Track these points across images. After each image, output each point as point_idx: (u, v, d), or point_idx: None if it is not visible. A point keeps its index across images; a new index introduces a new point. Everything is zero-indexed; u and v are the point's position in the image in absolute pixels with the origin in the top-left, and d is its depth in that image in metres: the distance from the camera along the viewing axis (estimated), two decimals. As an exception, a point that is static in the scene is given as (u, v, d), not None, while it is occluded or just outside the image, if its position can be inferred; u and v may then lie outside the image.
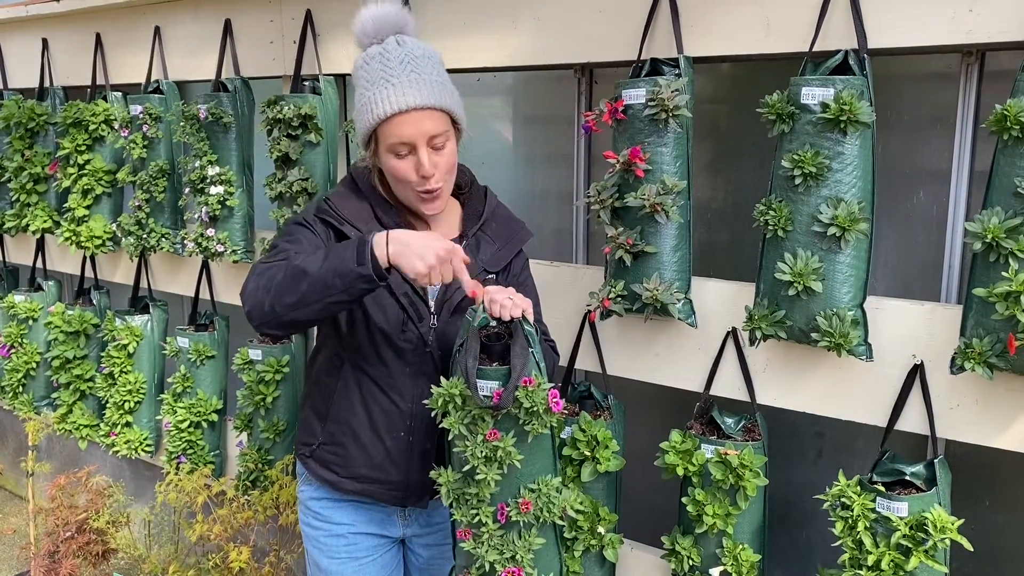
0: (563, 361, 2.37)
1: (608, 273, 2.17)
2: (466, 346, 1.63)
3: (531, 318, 1.64)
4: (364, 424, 1.87)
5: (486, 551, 1.65)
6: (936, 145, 2.05)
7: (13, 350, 3.79)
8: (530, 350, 1.62)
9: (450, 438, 1.66)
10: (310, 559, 2.05)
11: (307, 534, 2.04)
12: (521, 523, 1.67)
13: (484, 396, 1.60)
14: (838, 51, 1.84)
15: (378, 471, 1.89)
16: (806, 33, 1.89)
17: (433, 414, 1.66)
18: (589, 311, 2.21)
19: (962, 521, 1.77)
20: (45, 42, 3.74)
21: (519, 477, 1.67)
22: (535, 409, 1.59)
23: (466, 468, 1.63)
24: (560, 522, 1.70)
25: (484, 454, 1.61)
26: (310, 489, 2.00)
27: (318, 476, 1.96)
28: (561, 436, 2.25)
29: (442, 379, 1.65)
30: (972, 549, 1.79)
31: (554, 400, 1.60)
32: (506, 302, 1.62)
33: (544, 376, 1.64)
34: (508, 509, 1.65)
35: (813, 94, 1.80)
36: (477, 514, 1.65)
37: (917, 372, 1.88)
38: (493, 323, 1.67)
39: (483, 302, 1.64)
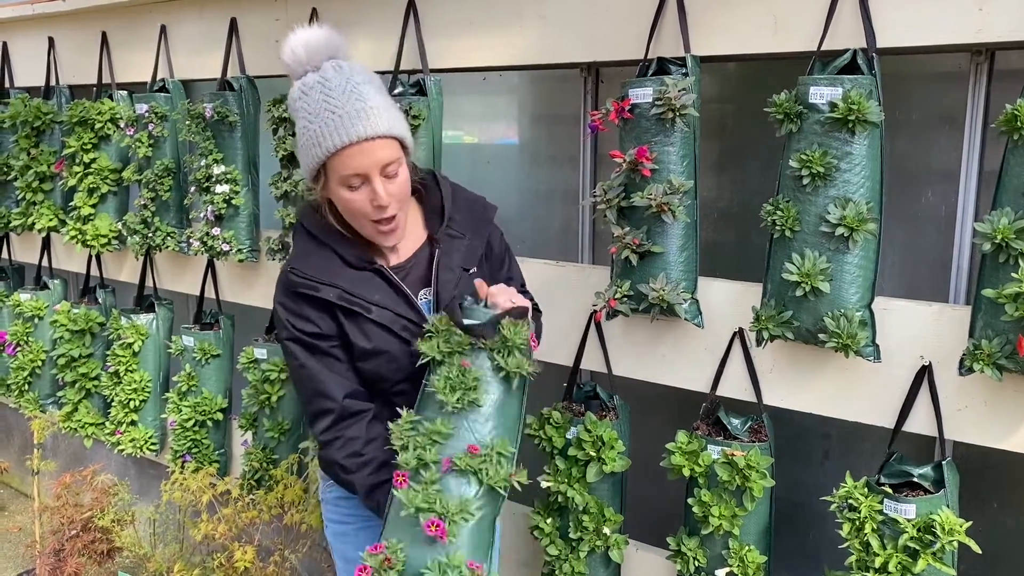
0: (568, 361, 2.36)
1: (614, 273, 2.16)
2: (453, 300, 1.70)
3: (529, 314, 1.68)
4: None
5: (416, 497, 1.55)
6: (945, 145, 2.03)
7: (19, 348, 3.80)
8: (529, 323, 1.66)
9: (426, 377, 1.65)
10: (339, 555, 2.02)
11: (336, 532, 2.01)
12: (464, 483, 1.58)
13: (468, 323, 1.62)
14: (846, 50, 1.83)
15: None
16: (814, 32, 1.88)
17: (420, 357, 1.65)
18: (595, 311, 2.20)
19: (970, 523, 1.76)
20: (51, 41, 3.74)
21: (476, 436, 1.61)
22: (513, 343, 1.61)
23: (432, 392, 1.61)
24: (503, 492, 1.60)
25: (451, 382, 1.59)
26: (338, 490, 1.97)
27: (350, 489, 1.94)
28: (566, 436, 2.25)
29: (430, 318, 1.68)
30: (980, 551, 1.78)
31: (533, 340, 1.64)
32: (506, 304, 1.66)
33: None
34: (455, 457, 1.58)
35: (821, 93, 1.79)
36: (423, 456, 1.57)
37: (925, 373, 1.87)
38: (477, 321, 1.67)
39: (485, 299, 1.69)
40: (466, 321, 1.63)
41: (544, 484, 2.28)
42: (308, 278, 1.74)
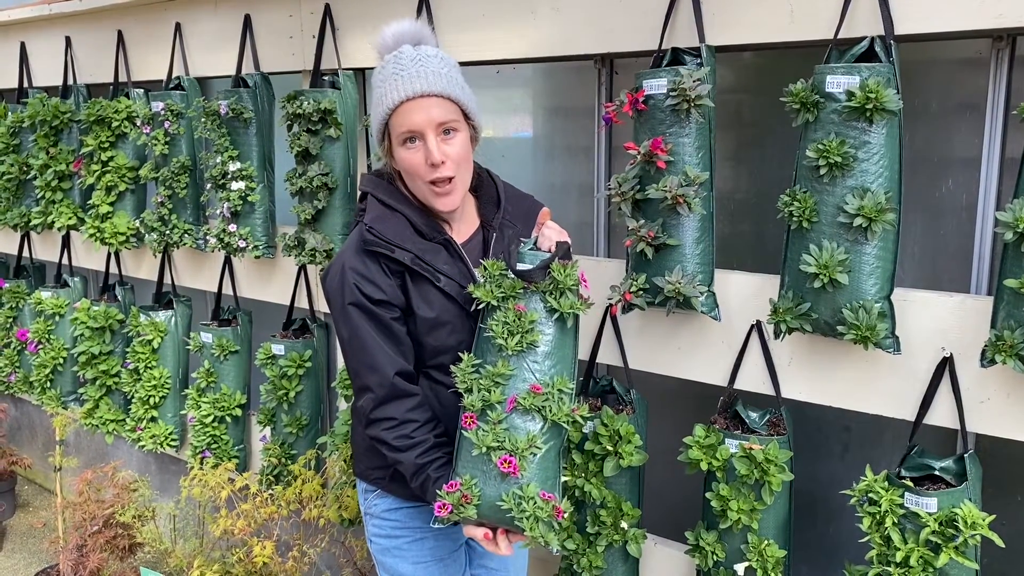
0: (584, 356, 2.35)
1: (629, 266, 2.15)
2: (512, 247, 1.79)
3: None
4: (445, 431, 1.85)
5: (486, 436, 1.64)
6: (965, 133, 2.00)
7: (40, 346, 3.84)
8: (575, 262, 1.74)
9: (482, 322, 1.73)
10: (389, 571, 1.99)
11: (385, 547, 1.98)
12: (529, 419, 1.66)
13: (520, 267, 1.70)
14: (864, 38, 1.80)
15: None
16: (831, 20, 1.85)
17: (474, 300, 1.73)
18: (610, 305, 2.19)
19: (993, 517, 1.74)
20: (68, 40, 3.77)
21: (537, 375, 1.69)
22: (565, 285, 1.68)
23: (490, 337, 1.69)
24: (567, 426, 1.68)
25: (508, 326, 1.67)
26: (385, 502, 1.96)
27: (400, 494, 1.93)
28: (583, 431, 2.24)
29: (482, 261, 1.76)
30: (1004, 545, 1.75)
31: (583, 279, 1.73)
32: (552, 244, 1.77)
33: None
34: (519, 396, 1.66)
35: (838, 82, 1.77)
36: (488, 397, 1.65)
37: (946, 365, 1.85)
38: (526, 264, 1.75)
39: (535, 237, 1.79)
40: (518, 266, 1.72)
41: (561, 478, 2.27)
42: (384, 239, 1.77)
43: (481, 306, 1.73)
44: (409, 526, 1.95)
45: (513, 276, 1.71)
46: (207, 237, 3.10)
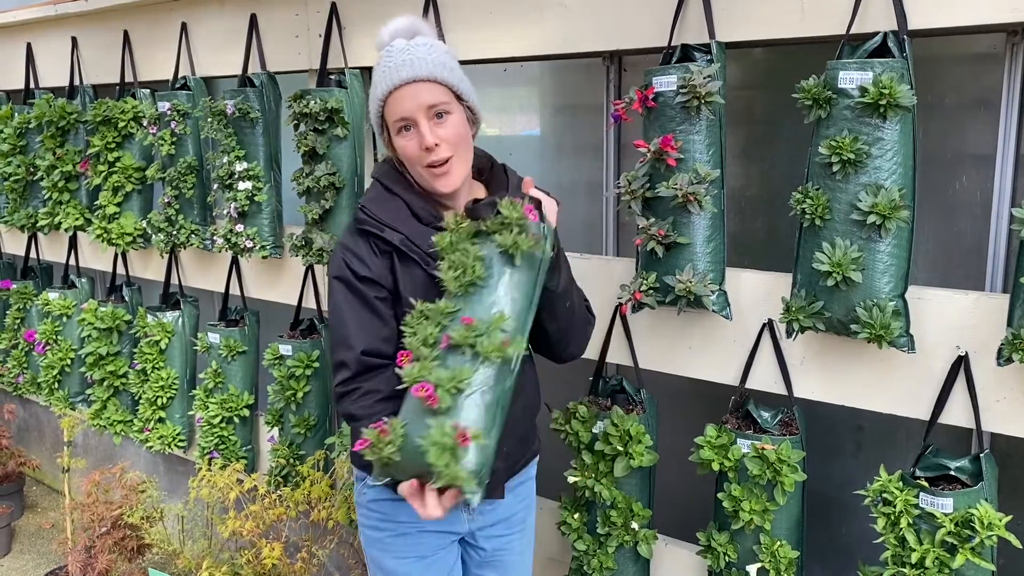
0: (594, 355, 2.33)
1: (639, 265, 2.14)
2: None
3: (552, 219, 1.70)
4: None
5: (413, 370, 1.53)
6: (980, 128, 1.98)
7: (48, 347, 3.84)
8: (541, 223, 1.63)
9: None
10: (373, 563, 1.99)
11: (370, 538, 1.98)
12: (460, 355, 1.54)
13: (468, 205, 1.64)
14: (877, 33, 1.78)
15: None
16: (843, 15, 1.83)
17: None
18: (620, 304, 2.17)
19: (1010, 517, 1.72)
20: (74, 40, 3.76)
21: (478, 315, 1.57)
22: (511, 220, 1.59)
23: (439, 282, 1.61)
24: (497, 362, 1.54)
25: (453, 263, 1.59)
26: (372, 491, 1.94)
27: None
28: (593, 431, 2.22)
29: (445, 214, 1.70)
30: (1021, 546, 1.73)
31: (530, 212, 1.61)
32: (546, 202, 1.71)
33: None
34: (451, 331, 1.56)
35: (851, 78, 1.75)
36: (426, 336, 1.57)
37: (961, 364, 1.83)
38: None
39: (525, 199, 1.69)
40: (467, 203, 1.65)
41: (571, 479, 2.26)
42: (376, 218, 1.79)
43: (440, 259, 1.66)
44: (394, 520, 1.93)
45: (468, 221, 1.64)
46: (214, 237, 3.09)
